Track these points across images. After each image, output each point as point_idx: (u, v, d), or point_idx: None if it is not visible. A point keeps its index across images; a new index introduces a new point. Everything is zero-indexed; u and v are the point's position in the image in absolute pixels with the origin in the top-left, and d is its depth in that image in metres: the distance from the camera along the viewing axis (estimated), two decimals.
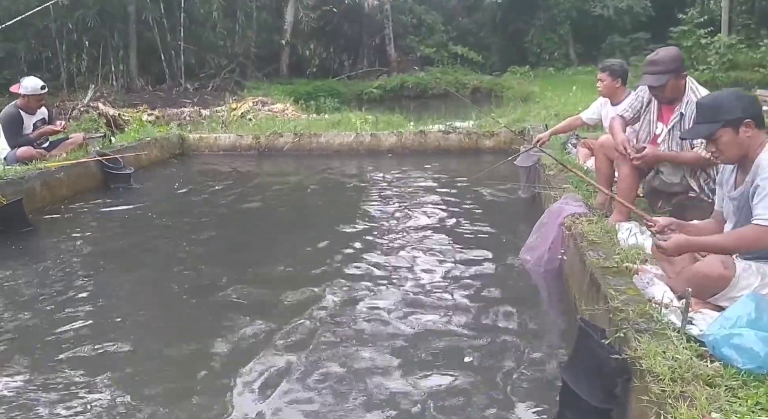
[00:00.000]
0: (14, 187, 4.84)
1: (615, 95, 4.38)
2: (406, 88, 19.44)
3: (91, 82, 15.42)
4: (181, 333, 2.97)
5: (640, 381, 1.82)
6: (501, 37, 24.12)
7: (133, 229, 4.86)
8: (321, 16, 20.26)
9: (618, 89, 4.36)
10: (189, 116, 12.12)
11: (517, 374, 2.47)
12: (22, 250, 4.28)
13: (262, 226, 4.70)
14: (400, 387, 2.39)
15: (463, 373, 2.48)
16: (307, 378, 2.46)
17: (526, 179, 5.46)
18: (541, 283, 3.52)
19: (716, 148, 2.28)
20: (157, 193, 6.31)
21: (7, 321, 3.09)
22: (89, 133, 7.36)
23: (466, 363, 2.56)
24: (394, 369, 2.54)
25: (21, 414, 2.25)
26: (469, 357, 2.63)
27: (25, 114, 5.71)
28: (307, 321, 3.00)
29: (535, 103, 11.54)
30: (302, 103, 13.43)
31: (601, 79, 4.42)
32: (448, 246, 4.13)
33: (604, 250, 2.82)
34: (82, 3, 15.82)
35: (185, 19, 16.95)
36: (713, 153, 2.33)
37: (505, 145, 7.93)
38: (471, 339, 2.80)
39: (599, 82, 4.44)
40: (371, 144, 8.15)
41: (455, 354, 2.66)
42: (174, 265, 3.94)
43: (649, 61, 3.23)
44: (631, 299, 2.25)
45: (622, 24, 21.18)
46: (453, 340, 2.78)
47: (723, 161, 2.37)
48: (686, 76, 3.20)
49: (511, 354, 2.64)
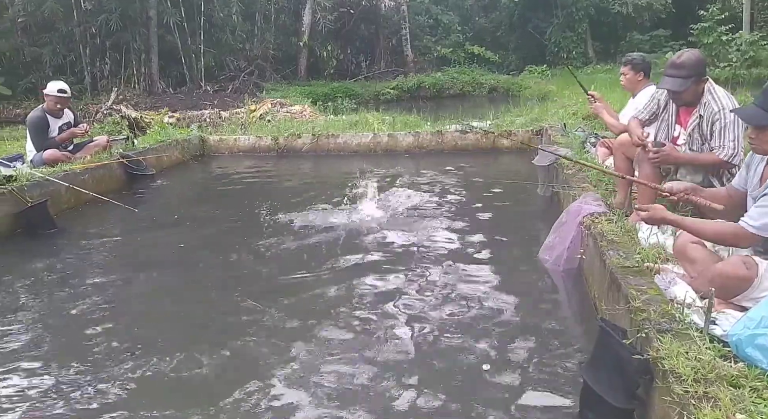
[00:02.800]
0: (40, 188, 4.95)
1: (637, 88, 4.40)
2: (423, 88, 19.43)
3: (113, 85, 15.71)
4: (201, 329, 3.01)
5: (662, 382, 1.81)
6: (518, 36, 23.97)
7: (156, 229, 4.94)
8: (338, 17, 20.36)
9: (640, 82, 4.37)
10: (209, 118, 12.26)
11: (536, 374, 2.46)
12: (46, 250, 4.37)
13: (283, 225, 4.74)
14: (417, 386, 2.40)
15: (481, 373, 2.48)
16: (324, 377, 2.48)
17: (545, 178, 5.44)
18: (560, 283, 3.50)
19: (757, 138, 2.26)
20: (179, 194, 6.41)
21: (30, 319, 3.16)
22: (112, 136, 7.49)
23: (484, 363, 2.55)
24: (410, 366, 2.54)
25: (41, 408, 2.31)
26: (488, 357, 2.62)
27: (51, 117, 5.84)
28: (324, 319, 3.03)
29: (553, 102, 11.46)
30: (320, 105, 13.50)
31: (623, 73, 4.43)
32: (465, 246, 4.13)
33: (624, 250, 2.80)
34: (105, 7, 16.11)
35: (205, 23, 17.16)
36: (752, 140, 2.31)
37: (522, 145, 7.89)
38: (489, 339, 2.79)
39: (622, 76, 4.46)
40: (388, 144, 8.18)
41: (473, 354, 2.65)
42: (196, 264, 4.00)
43: (671, 63, 3.17)
44: (652, 299, 2.23)
45: (641, 21, 20.91)
46: (470, 340, 2.78)
47: (757, 151, 2.36)
48: (707, 81, 3.16)
49: (530, 355, 2.63)
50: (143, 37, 16.78)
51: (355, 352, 2.68)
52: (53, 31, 16.66)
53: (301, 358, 2.64)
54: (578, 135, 6.02)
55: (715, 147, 3.09)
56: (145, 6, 16.39)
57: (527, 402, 2.28)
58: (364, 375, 2.49)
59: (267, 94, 15.69)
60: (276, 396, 2.36)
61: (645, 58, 4.48)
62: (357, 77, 20.55)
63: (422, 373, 2.50)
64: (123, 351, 2.77)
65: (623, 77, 4.43)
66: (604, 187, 4.07)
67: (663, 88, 3.26)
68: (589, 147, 5.35)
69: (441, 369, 2.53)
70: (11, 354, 2.77)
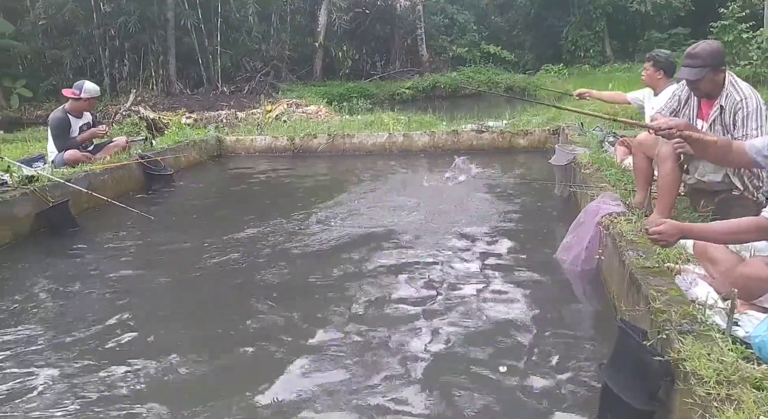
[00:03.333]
0: (62, 189, 5.03)
1: (657, 86, 4.40)
2: (438, 88, 19.42)
3: (132, 86, 15.94)
4: (215, 327, 3.04)
5: (684, 384, 1.79)
6: (534, 35, 23.82)
7: (174, 228, 4.99)
8: (353, 17, 20.41)
9: (660, 80, 4.35)
10: (226, 119, 12.37)
11: (555, 375, 2.44)
12: (67, 249, 4.44)
13: (300, 225, 4.76)
14: (435, 386, 2.40)
15: (499, 374, 2.47)
16: (333, 378, 2.48)
17: (562, 178, 5.40)
18: (578, 284, 3.47)
19: None
20: (197, 194, 6.48)
21: (52, 316, 3.22)
22: (131, 137, 7.59)
23: (502, 364, 2.54)
24: (425, 366, 2.54)
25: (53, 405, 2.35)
26: (504, 358, 2.61)
27: (73, 118, 5.94)
28: (336, 319, 3.04)
29: (570, 101, 11.35)
30: (335, 105, 13.55)
31: (645, 68, 4.46)
32: (481, 246, 4.12)
33: (643, 250, 2.76)
34: (124, 10, 16.35)
35: (222, 24, 17.32)
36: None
37: (539, 144, 7.86)
38: (505, 339, 2.78)
39: (644, 71, 4.49)
40: (404, 144, 8.18)
41: (490, 354, 2.65)
42: (213, 263, 4.03)
43: (687, 54, 3.17)
44: (673, 300, 2.20)
45: (660, 19, 20.64)
46: (487, 341, 2.77)
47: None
48: (725, 71, 3.12)
49: (549, 355, 2.61)
50: (161, 39, 17.00)
51: (367, 352, 2.68)
52: (73, 34, 16.95)
53: (314, 359, 2.64)
54: (596, 134, 5.97)
55: (738, 137, 3.04)
56: (163, 8, 16.59)
57: (545, 403, 2.26)
58: (377, 376, 2.48)
59: (283, 94, 15.79)
60: (288, 397, 2.37)
61: (670, 57, 4.45)
62: (372, 77, 20.59)
63: (437, 374, 2.49)
64: (137, 350, 2.81)
65: (644, 72, 4.47)
66: (623, 187, 4.02)
67: (679, 77, 3.23)
68: (607, 146, 5.30)
69: (456, 370, 2.52)
70: (26, 349, 2.82)
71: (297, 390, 2.40)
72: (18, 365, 2.68)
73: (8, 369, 2.65)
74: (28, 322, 3.15)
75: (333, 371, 2.52)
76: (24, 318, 3.20)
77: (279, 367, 2.58)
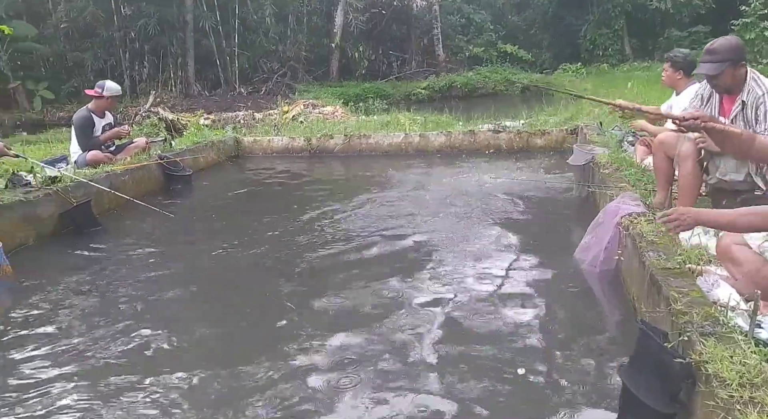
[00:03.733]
0: (84, 189, 5.12)
1: (677, 86, 4.34)
2: (455, 88, 19.38)
3: (151, 88, 16.15)
4: (238, 326, 3.07)
5: (705, 386, 1.77)
6: (552, 34, 23.65)
7: (194, 228, 5.06)
8: (370, 18, 20.47)
9: (680, 80, 4.29)
10: (243, 119, 12.46)
11: (574, 376, 2.43)
12: (91, 249, 4.52)
13: (316, 225, 4.79)
14: (454, 387, 2.40)
15: (518, 375, 2.46)
16: (358, 376, 2.50)
17: (580, 178, 5.36)
18: (597, 284, 3.44)
19: None
20: (215, 194, 6.55)
21: (74, 315, 3.28)
22: (151, 138, 7.69)
23: (521, 365, 2.53)
24: (443, 368, 2.54)
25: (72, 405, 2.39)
26: (524, 359, 2.60)
27: (96, 117, 6.06)
28: (358, 318, 3.05)
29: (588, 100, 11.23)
30: (351, 105, 13.58)
31: (664, 69, 4.40)
32: (499, 246, 4.10)
33: (664, 251, 2.73)
34: (144, 12, 16.59)
35: (239, 26, 17.48)
36: None
37: (556, 144, 7.80)
38: (524, 340, 2.77)
39: (663, 72, 4.43)
40: (420, 144, 8.18)
41: (508, 355, 2.64)
42: (234, 262, 4.08)
43: (705, 50, 3.14)
44: (694, 301, 2.18)
45: (680, 17, 20.34)
46: (505, 342, 2.76)
47: None
48: (745, 66, 3.07)
49: (567, 357, 2.60)
50: (180, 41, 17.20)
51: (384, 353, 2.69)
52: (94, 37, 17.24)
53: (331, 360, 2.65)
54: (615, 134, 5.91)
55: (760, 132, 2.99)
56: (182, 10, 16.79)
57: (565, 404, 2.25)
58: (394, 376, 2.48)
59: (299, 95, 15.88)
60: (307, 396, 2.39)
61: (689, 56, 4.39)
62: (388, 77, 20.62)
63: (455, 376, 2.48)
64: (159, 348, 2.85)
65: (664, 73, 4.41)
66: (643, 187, 3.98)
67: (699, 73, 3.19)
68: (626, 146, 5.24)
69: (474, 371, 2.52)
70: (51, 346, 2.88)
71: (315, 389, 2.42)
72: (41, 361, 2.72)
73: (31, 367, 2.69)
74: (52, 320, 3.21)
75: (350, 373, 2.52)
76: (49, 316, 3.26)
77: (299, 367, 2.59)
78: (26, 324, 3.16)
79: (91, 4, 16.55)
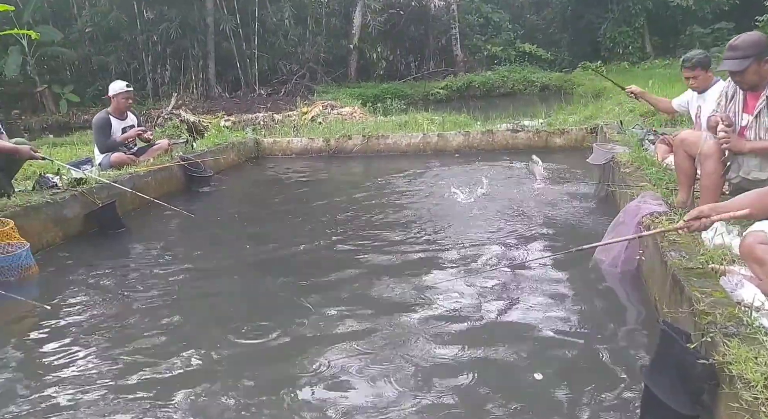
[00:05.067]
0: (108, 190, 5.22)
1: (704, 85, 4.26)
2: (473, 87, 19.31)
3: (173, 90, 16.40)
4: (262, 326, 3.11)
5: (729, 388, 1.75)
6: (571, 33, 23.42)
7: (215, 228, 5.12)
8: (388, 19, 20.50)
9: (709, 77, 4.24)
10: (263, 121, 12.58)
11: (594, 377, 2.41)
12: (115, 249, 4.61)
13: (337, 224, 4.83)
14: (473, 388, 2.40)
15: (538, 377, 2.45)
16: (375, 372, 2.51)
17: (600, 177, 5.31)
18: (618, 285, 3.41)
19: None
20: (236, 194, 6.63)
21: (100, 313, 3.35)
22: (173, 139, 7.81)
23: (541, 366, 2.52)
24: (459, 370, 2.53)
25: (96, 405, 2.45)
26: (543, 360, 2.59)
27: (115, 119, 6.16)
28: (376, 320, 3.06)
29: (608, 99, 11.13)
30: (370, 106, 13.63)
31: (694, 77, 4.23)
32: (517, 246, 4.08)
33: (686, 251, 2.70)
34: (166, 16, 16.85)
35: (259, 28, 17.66)
36: None
37: (576, 143, 7.73)
38: (544, 342, 2.75)
39: (692, 80, 4.26)
40: (438, 144, 8.17)
41: (529, 355, 2.63)
42: (256, 262, 4.13)
43: (728, 46, 3.09)
44: (718, 302, 2.15)
45: (702, 14, 19.96)
46: (526, 342, 2.76)
47: None
48: None
49: (588, 357, 2.58)
50: (201, 44, 17.44)
51: (398, 353, 2.69)
52: (118, 40, 17.56)
53: (343, 361, 2.65)
54: (635, 132, 5.84)
55: None
56: (203, 14, 17.02)
57: (585, 406, 2.23)
58: (409, 380, 2.46)
59: (318, 96, 15.98)
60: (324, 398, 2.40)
61: (702, 53, 4.35)
62: (406, 78, 20.64)
63: (473, 378, 2.46)
64: (181, 349, 2.89)
65: (693, 81, 4.24)
66: (665, 186, 3.93)
67: (722, 70, 3.15)
68: (647, 144, 5.18)
69: (492, 374, 2.51)
70: (77, 346, 2.95)
71: (331, 393, 2.42)
72: (67, 363, 2.77)
73: (55, 367, 2.74)
74: (78, 321, 3.28)
75: (362, 375, 2.51)
76: (74, 317, 3.33)
77: (317, 370, 2.60)
78: (53, 322, 3.23)
79: (114, 9, 16.87)
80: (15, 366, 2.80)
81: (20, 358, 2.88)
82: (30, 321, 3.29)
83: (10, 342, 3.03)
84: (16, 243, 3.89)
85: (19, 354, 2.93)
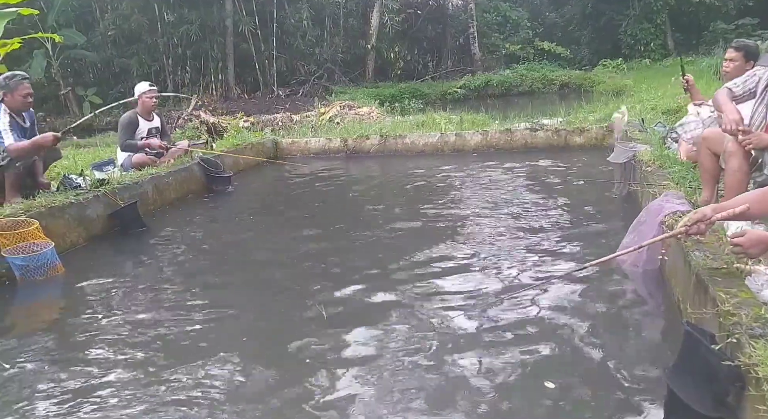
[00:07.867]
0: (130, 191, 5.30)
1: (737, 74, 4.02)
2: (491, 86, 19.20)
3: (193, 92, 16.60)
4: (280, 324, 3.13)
5: (755, 390, 1.71)
6: (591, 30, 23.17)
7: (234, 228, 5.17)
8: (405, 19, 20.52)
9: (745, 69, 3.96)
10: (281, 121, 12.66)
11: (617, 379, 2.38)
12: (137, 249, 4.68)
13: (358, 224, 4.84)
14: (494, 392, 2.38)
15: (559, 379, 2.42)
16: (388, 376, 2.51)
17: (621, 176, 5.24)
18: (640, 285, 3.36)
19: None
20: (255, 194, 6.69)
21: (123, 311, 3.40)
22: (193, 140, 7.90)
23: (562, 368, 2.49)
24: (483, 370, 2.52)
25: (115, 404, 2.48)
26: (566, 360, 2.56)
27: (142, 119, 6.28)
28: (391, 322, 3.06)
29: (629, 96, 10.98)
30: (387, 106, 13.64)
31: (732, 59, 3.95)
32: (538, 245, 4.04)
33: (711, 250, 2.65)
34: (186, 19, 17.07)
35: (277, 30, 17.79)
36: None
37: (596, 142, 7.64)
38: (565, 343, 2.72)
39: (728, 62, 3.97)
40: (456, 144, 8.15)
41: (550, 357, 2.60)
42: (276, 262, 4.15)
43: None
44: (743, 302, 2.10)
45: (726, 9, 19.62)
46: (547, 344, 2.72)
47: None
48: None
49: (610, 358, 2.54)
50: (220, 46, 17.63)
51: (415, 358, 2.67)
52: (139, 43, 17.84)
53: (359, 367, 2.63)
54: (657, 131, 5.75)
55: None
56: (223, 15, 17.20)
57: (607, 408, 2.20)
58: (420, 385, 2.43)
59: (336, 96, 16.04)
60: (339, 401, 2.42)
61: (758, 46, 4.07)
62: (424, 77, 20.60)
63: (490, 383, 2.44)
64: (203, 350, 2.92)
65: (730, 63, 3.95)
66: (688, 185, 3.86)
67: (762, 64, 3.06)
68: (670, 142, 5.10)
69: (510, 371, 2.49)
70: (99, 346, 3.00)
71: (346, 395, 2.43)
72: (89, 363, 2.80)
73: (78, 366, 2.77)
74: (104, 315, 3.34)
75: (374, 383, 2.48)
76: (100, 311, 3.39)
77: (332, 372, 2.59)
78: (79, 319, 3.29)
79: (136, 12, 17.14)
80: (42, 362, 2.85)
81: (47, 357, 2.93)
82: (55, 320, 3.35)
83: (33, 339, 3.10)
84: (41, 243, 3.97)
85: (44, 354, 2.98)
